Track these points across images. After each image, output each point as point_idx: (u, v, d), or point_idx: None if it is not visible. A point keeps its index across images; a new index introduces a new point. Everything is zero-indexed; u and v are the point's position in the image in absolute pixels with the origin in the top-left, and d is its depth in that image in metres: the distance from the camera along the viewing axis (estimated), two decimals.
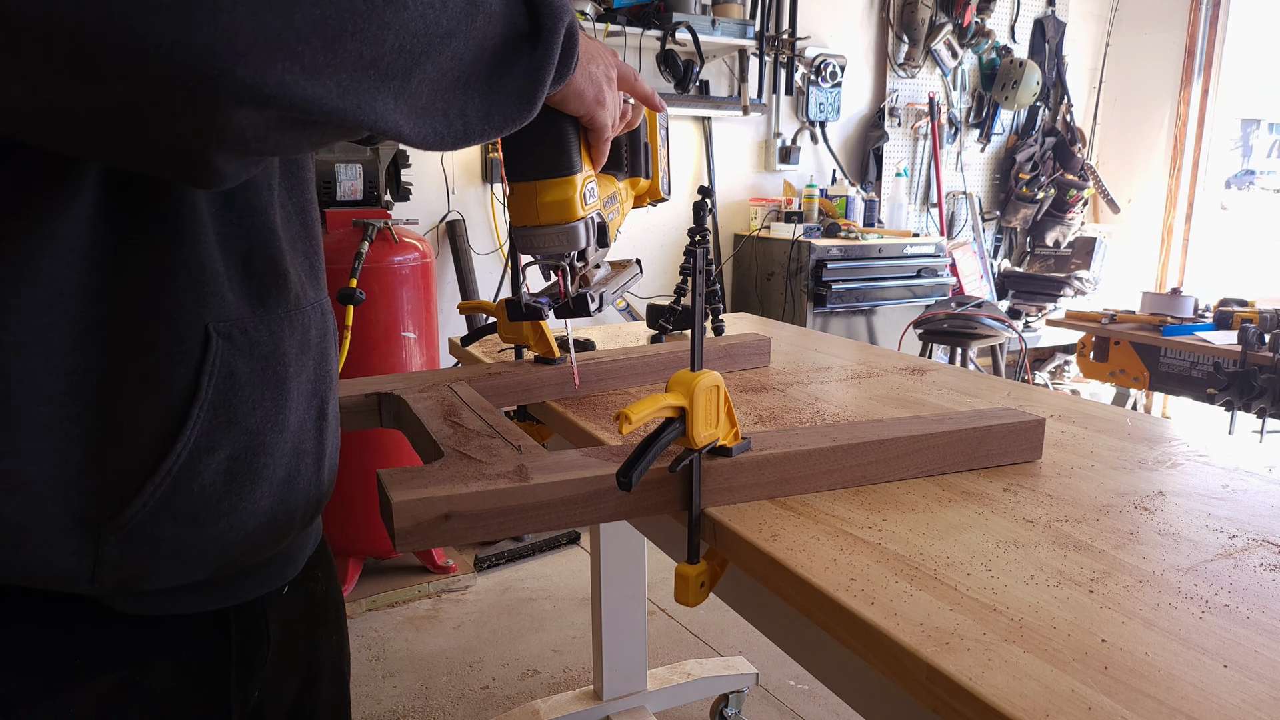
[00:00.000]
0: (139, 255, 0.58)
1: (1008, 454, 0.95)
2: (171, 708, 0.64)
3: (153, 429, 0.59)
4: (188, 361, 0.60)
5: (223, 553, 0.63)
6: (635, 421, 0.68)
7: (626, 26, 3.30)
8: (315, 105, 0.49)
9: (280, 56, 0.47)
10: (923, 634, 0.59)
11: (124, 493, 0.58)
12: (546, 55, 0.63)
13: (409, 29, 0.53)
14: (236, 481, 0.63)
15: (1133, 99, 5.18)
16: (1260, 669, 0.56)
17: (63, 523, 0.56)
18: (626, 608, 2.01)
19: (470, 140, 0.62)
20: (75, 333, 0.56)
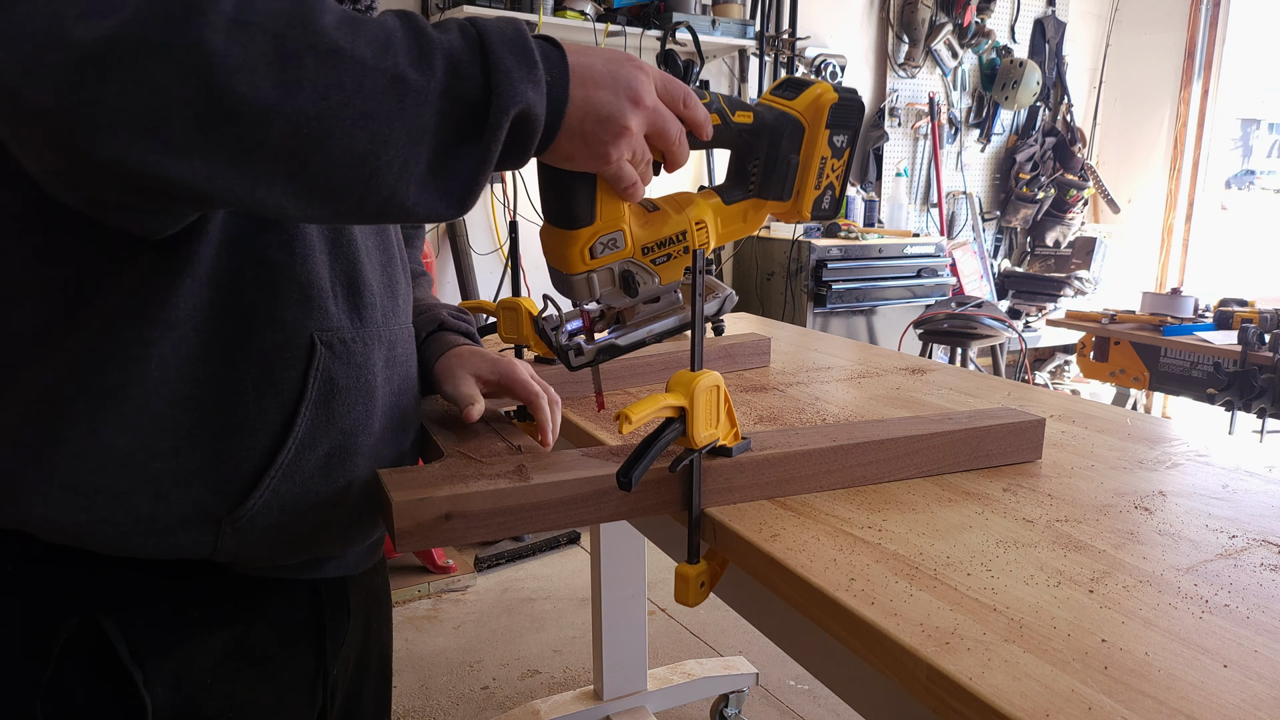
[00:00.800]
0: (257, 273, 0.64)
1: (1008, 454, 0.95)
2: (275, 668, 0.73)
3: (267, 427, 0.66)
4: (296, 365, 0.67)
5: (316, 541, 0.71)
6: (635, 421, 0.68)
7: (626, 26, 3.30)
8: (183, 186, 0.49)
9: (143, 136, 0.46)
10: (923, 634, 0.59)
11: (243, 487, 0.65)
12: (486, 152, 0.56)
13: (304, 113, 0.48)
14: (331, 478, 0.70)
15: (1133, 99, 5.18)
16: (1260, 669, 0.56)
17: (186, 515, 0.64)
18: (626, 608, 2.01)
19: (381, 223, 0.62)
20: (201, 344, 0.63)
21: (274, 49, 0.47)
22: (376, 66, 0.50)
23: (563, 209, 0.69)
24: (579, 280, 0.72)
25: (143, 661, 0.65)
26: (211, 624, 0.68)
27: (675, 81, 0.67)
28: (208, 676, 0.68)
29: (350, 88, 0.49)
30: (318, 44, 0.48)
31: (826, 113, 0.79)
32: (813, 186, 0.81)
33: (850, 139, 0.81)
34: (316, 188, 0.51)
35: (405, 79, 0.51)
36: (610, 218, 0.71)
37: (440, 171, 0.55)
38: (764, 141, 0.78)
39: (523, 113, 0.56)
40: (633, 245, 0.73)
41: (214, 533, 0.65)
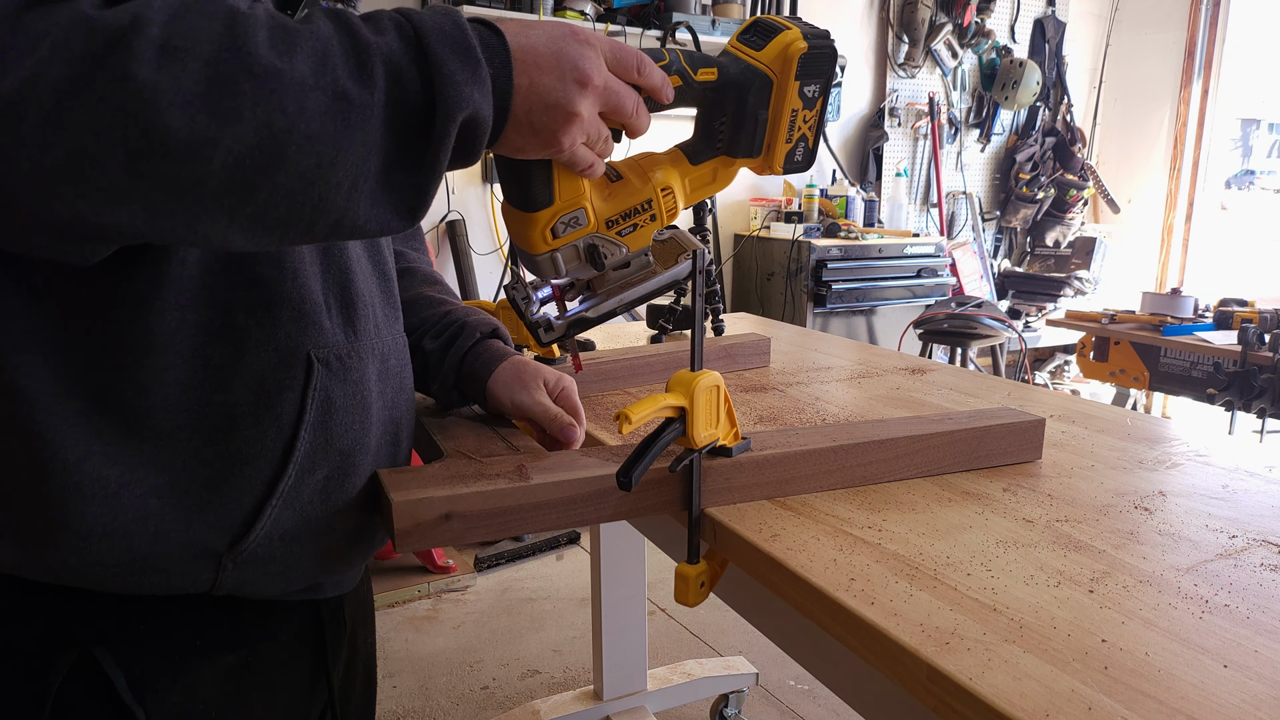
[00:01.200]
0: (248, 292, 0.61)
1: (1008, 454, 0.95)
2: (278, 688, 0.71)
3: (266, 454, 0.62)
4: (294, 387, 0.63)
5: (318, 568, 0.69)
6: (635, 421, 0.68)
7: (626, 26, 3.30)
8: (116, 230, 0.46)
9: (69, 184, 0.43)
10: (923, 634, 0.59)
11: (244, 520, 0.62)
12: (435, 161, 0.53)
13: (245, 144, 0.45)
14: (330, 501, 0.68)
15: (1133, 99, 5.18)
16: (1260, 669, 0.56)
17: (186, 552, 0.61)
18: (626, 608, 2.01)
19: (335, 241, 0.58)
20: (190, 370, 0.59)
21: (207, 76, 0.44)
22: (317, 85, 0.47)
23: (520, 193, 0.68)
24: (544, 260, 0.71)
25: (143, 695, 0.62)
26: (215, 649, 0.66)
27: (625, 49, 0.64)
28: (212, 707, 0.66)
29: (293, 111, 0.46)
30: (254, 67, 0.45)
31: (796, 64, 0.75)
32: (784, 140, 0.78)
33: (823, 87, 0.77)
34: (263, 217, 0.49)
35: (348, 95, 0.48)
36: (570, 196, 0.69)
37: (390, 184, 0.53)
38: (730, 98, 0.75)
39: (470, 117, 0.54)
40: (596, 221, 0.71)
41: (214, 569, 0.62)
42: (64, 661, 0.60)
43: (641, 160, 0.76)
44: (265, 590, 0.66)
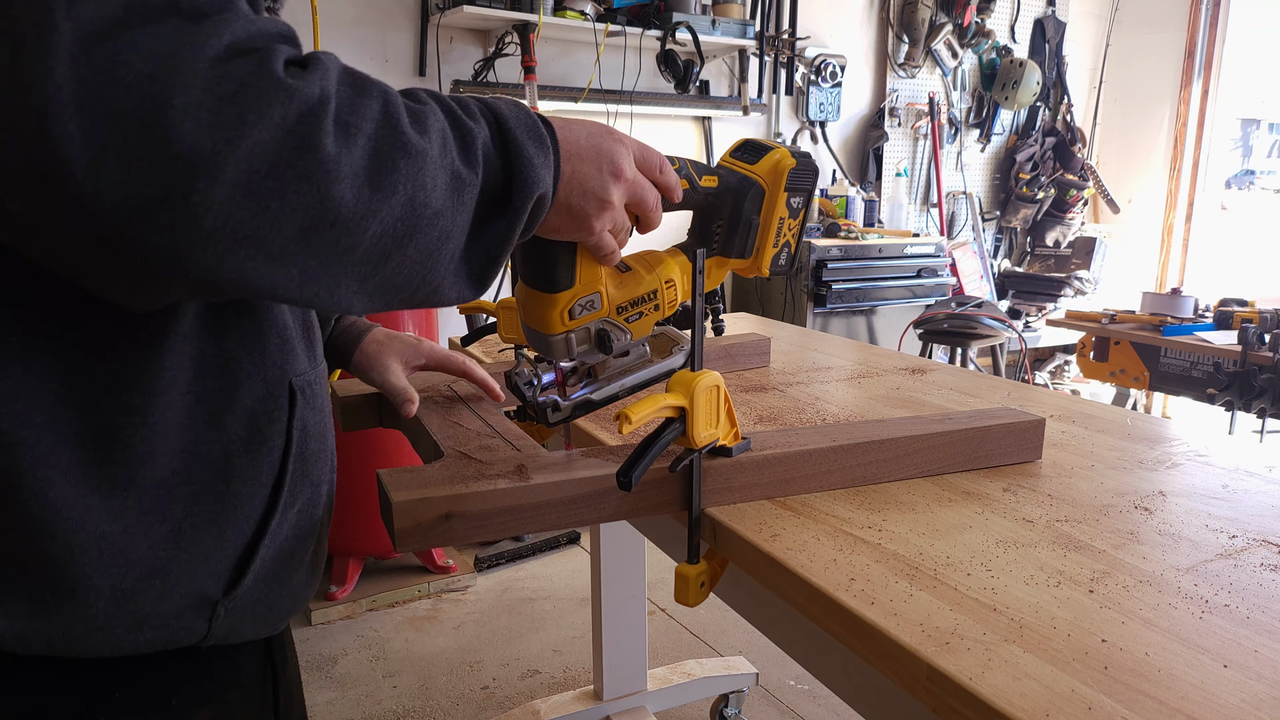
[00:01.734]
0: (239, 320, 0.60)
1: (1008, 454, 0.95)
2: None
3: (260, 490, 0.61)
4: (281, 418, 0.63)
5: (290, 607, 0.68)
6: (635, 421, 0.68)
7: (626, 26, 3.30)
8: (269, 291, 0.47)
9: (246, 246, 0.43)
10: (923, 634, 0.59)
11: (239, 563, 0.61)
12: (509, 234, 0.56)
13: (395, 216, 0.48)
14: (301, 535, 0.67)
15: (1133, 99, 5.18)
16: (1260, 669, 0.56)
17: (185, 604, 0.58)
18: (626, 608, 2.01)
19: (416, 308, 0.59)
20: (186, 406, 0.57)
21: (372, 151, 0.47)
22: (442, 164, 0.51)
23: (544, 274, 0.72)
24: (558, 340, 0.75)
25: None
26: (192, 706, 0.64)
27: (651, 150, 0.70)
28: None
29: (429, 188, 0.50)
30: (406, 145, 0.48)
31: (785, 176, 0.83)
32: (771, 245, 0.86)
33: (805, 200, 0.86)
34: (387, 285, 0.51)
35: (460, 175, 0.52)
36: (588, 280, 0.74)
37: (468, 257, 0.56)
38: (727, 204, 0.83)
39: (541, 196, 0.58)
40: (608, 305, 0.76)
41: (209, 619, 0.60)
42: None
43: (647, 255, 0.81)
44: (245, 635, 0.64)
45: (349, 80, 0.48)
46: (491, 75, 3.27)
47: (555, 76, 3.49)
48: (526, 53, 3.09)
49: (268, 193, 0.43)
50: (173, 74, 0.40)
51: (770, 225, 0.85)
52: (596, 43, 3.39)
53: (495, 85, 3.26)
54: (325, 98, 0.45)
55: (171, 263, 0.43)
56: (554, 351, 0.76)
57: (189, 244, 0.42)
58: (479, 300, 1.68)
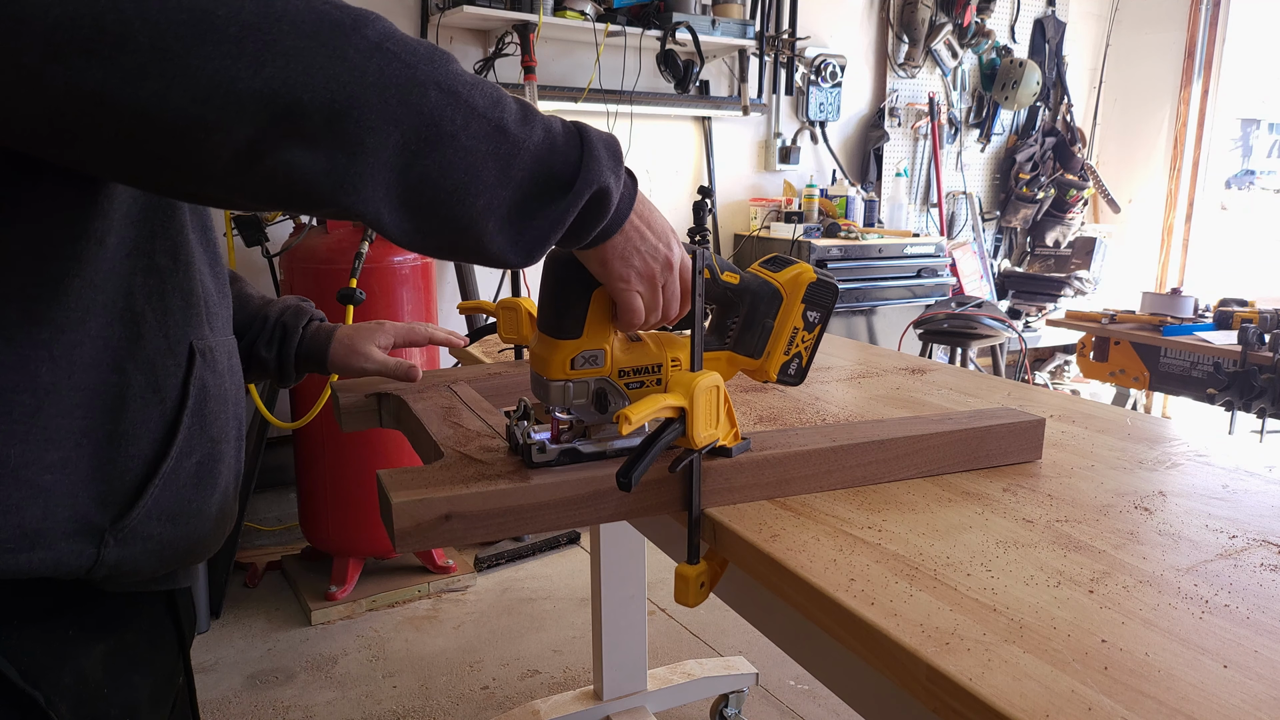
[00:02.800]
0: (146, 279, 0.66)
1: (1008, 454, 0.95)
2: (150, 670, 0.74)
3: (151, 436, 0.66)
4: (178, 374, 0.69)
5: (188, 550, 0.72)
6: (635, 421, 0.68)
7: (626, 26, 3.30)
8: (300, 173, 0.52)
9: (280, 124, 0.49)
10: (923, 634, 0.59)
11: (127, 498, 0.65)
12: (562, 214, 0.62)
13: (417, 131, 0.54)
14: (202, 485, 0.71)
15: (1133, 99, 5.18)
16: (1260, 669, 0.56)
17: (71, 527, 0.62)
18: (626, 608, 2.01)
19: (454, 258, 0.63)
20: (94, 349, 0.62)
21: (407, 78, 0.54)
22: (484, 115, 0.57)
23: (554, 320, 0.77)
24: (555, 386, 0.77)
25: (37, 682, 0.63)
26: (89, 637, 0.68)
27: (689, 262, 0.77)
28: (101, 685, 0.68)
29: (459, 123, 0.56)
30: (442, 82, 0.55)
31: (804, 289, 0.88)
32: (781, 351, 0.89)
33: (822, 317, 0.90)
34: (412, 200, 0.57)
35: (506, 130, 0.58)
36: (595, 336, 0.77)
37: (518, 221, 0.61)
38: (745, 302, 0.87)
39: (601, 190, 0.63)
40: (611, 366, 0.79)
41: (97, 544, 0.64)
42: None
43: (660, 335, 0.85)
44: (141, 568, 0.68)
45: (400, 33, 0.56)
46: (491, 75, 3.27)
47: (555, 76, 3.49)
48: (526, 53, 3.09)
49: (300, 85, 0.50)
50: None
51: (783, 332, 0.88)
52: (596, 43, 3.39)
53: None
54: (361, 22, 0.52)
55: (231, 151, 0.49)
56: (550, 397, 0.78)
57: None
58: (479, 300, 1.70)
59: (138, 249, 0.65)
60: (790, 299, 0.88)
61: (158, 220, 0.66)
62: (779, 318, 0.88)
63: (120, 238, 0.63)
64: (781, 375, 0.90)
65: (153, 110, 0.47)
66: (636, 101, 3.56)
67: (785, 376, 0.90)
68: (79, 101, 0.46)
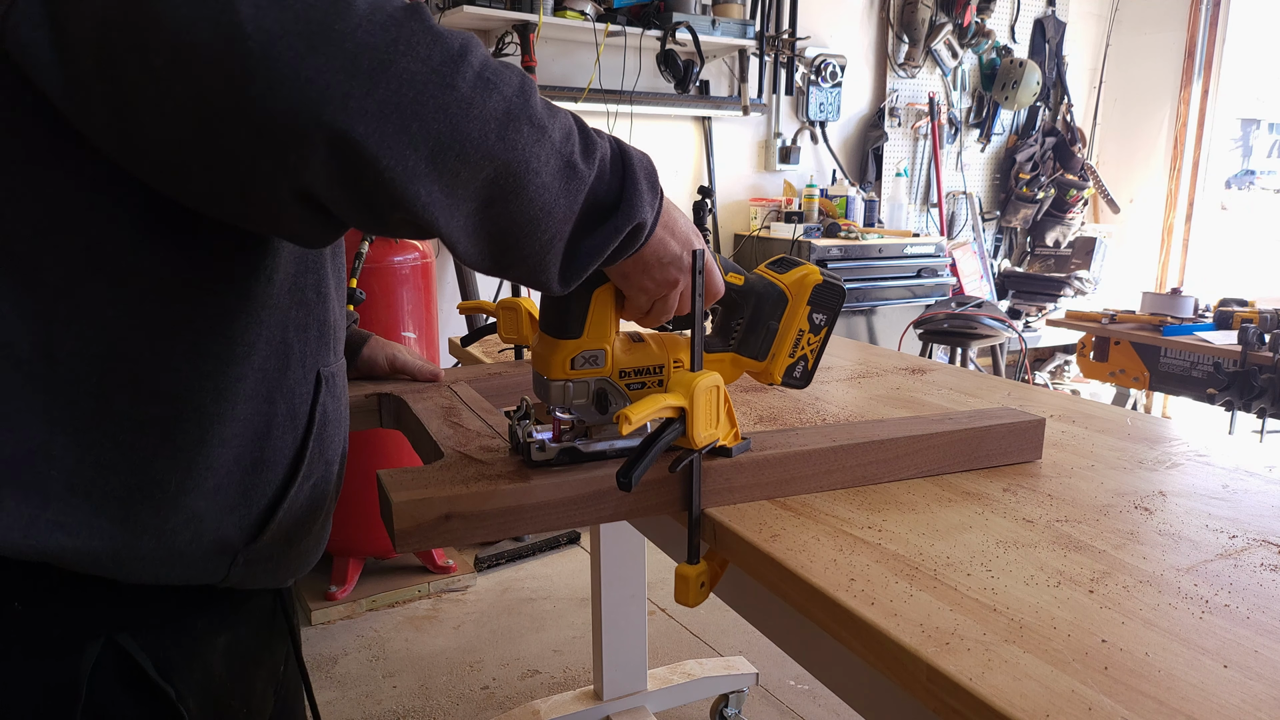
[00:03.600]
0: (297, 313, 0.69)
1: (1008, 454, 0.95)
2: (261, 662, 0.78)
3: (284, 460, 0.69)
4: (308, 401, 0.71)
5: (297, 567, 0.76)
6: (635, 421, 0.68)
7: (626, 26, 3.30)
8: (409, 207, 0.53)
9: (392, 147, 0.50)
10: (923, 634, 0.59)
11: (261, 521, 0.69)
12: (604, 246, 0.63)
13: (509, 167, 0.55)
14: (314, 507, 0.74)
15: (1133, 99, 5.18)
16: (1260, 669, 0.56)
17: (212, 549, 0.66)
18: (626, 608, 2.01)
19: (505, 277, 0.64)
20: (254, 382, 0.66)
21: (504, 110, 0.55)
22: (560, 150, 0.59)
23: (555, 320, 0.76)
24: (555, 386, 0.77)
25: (169, 676, 0.67)
26: (212, 631, 0.71)
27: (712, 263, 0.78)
28: (224, 677, 0.72)
29: (543, 159, 0.57)
30: (533, 118, 0.57)
31: (810, 291, 0.87)
32: (786, 354, 0.88)
33: (829, 320, 0.89)
34: (493, 232, 0.58)
35: (575, 166, 0.60)
36: (596, 336, 0.77)
37: (569, 257, 0.63)
38: (749, 304, 0.86)
39: (637, 226, 0.65)
40: (612, 366, 0.79)
41: (229, 565, 0.67)
42: (92, 650, 0.63)
43: (663, 335, 0.84)
44: (258, 584, 0.72)
45: (491, 56, 0.56)
46: None
47: (555, 76, 3.49)
48: (526, 53, 3.09)
49: (410, 114, 0.50)
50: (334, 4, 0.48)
51: (788, 334, 0.87)
52: (596, 43, 3.39)
53: None
54: (466, 49, 0.53)
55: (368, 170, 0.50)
56: (550, 396, 0.78)
57: (377, 167, 0.50)
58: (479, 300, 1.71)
59: (295, 284, 0.68)
60: (795, 301, 0.87)
61: (310, 255, 0.70)
62: (784, 320, 0.87)
63: (285, 274, 0.67)
64: (786, 378, 0.89)
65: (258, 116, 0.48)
66: (636, 101, 3.56)
67: (790, 379, 0.90)
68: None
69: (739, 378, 0.90)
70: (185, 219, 0.59)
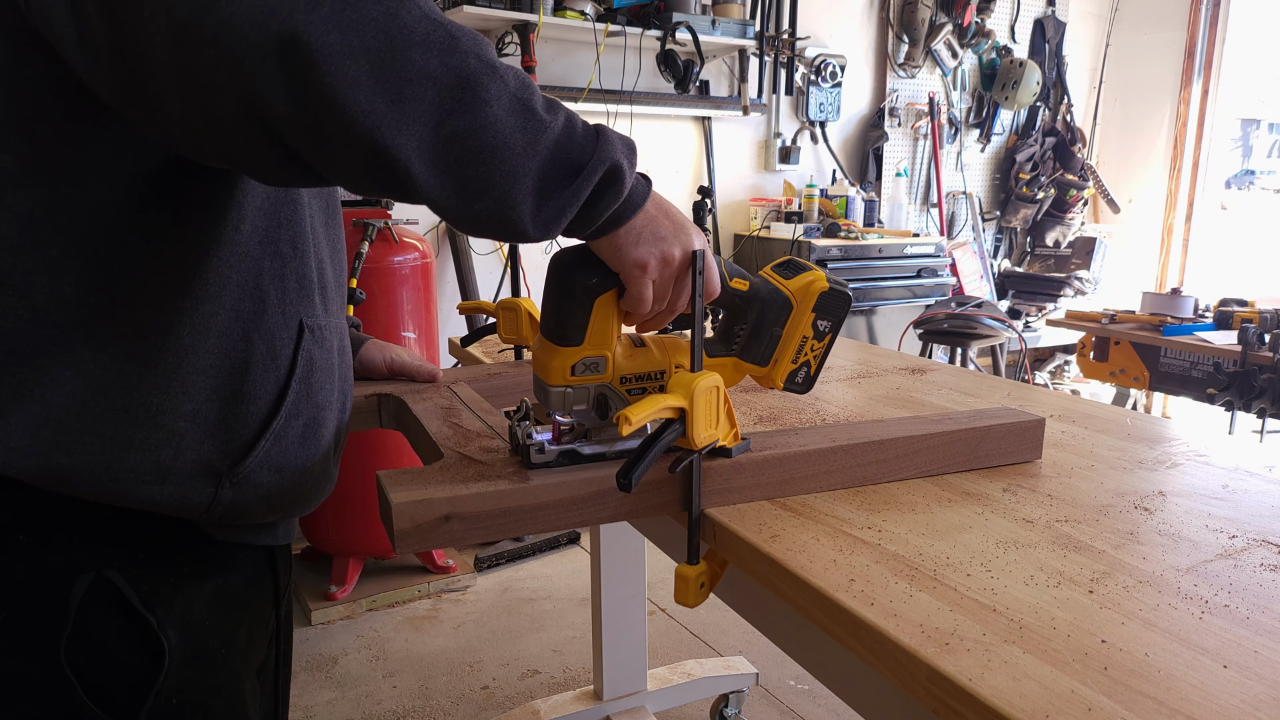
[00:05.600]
0: (271, 263, 0.76)
1: (1008, 454, 0.95)
2: (249, 611, 0.83)
3: (266, 396, 0.76)
4: (290, 345, 0.78)
5: (293, 499, 0.81)
6: (635, 422, 0.68)
7: (626, 26, 3.30)
8: (351, 117, 0.55)
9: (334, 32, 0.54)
10: (922, 635, 0.59)
11: (243, 448, 0.75)
12: (578, 190, 0.64)
13: (454, 89, 0.58)
14: (306, 444, 0.81)
15: (1133, 99, 5.18)
16: (1260, 669, 0.56)
17: (196, 469, 0.73)
18: (626, 608, 2.01)
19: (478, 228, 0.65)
20: (227, 320, 0.73)
21: (449, 42, 0.58)
22: (515, 94, 0.61)
23: (557, 327, 0.77)
24: (556, 392, 0.77)
25: (153, 608, 0.72)
26: (199, 574, 0.77)
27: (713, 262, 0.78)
28: (205, 618, 0.77)
29: (493, 93, 0.60)
30: (482, 55, 0.60)
31: (815, 297, 0.86)
32: (789, 360, 0.87)
33: (833, 326, 0.88)
34: (443, 155, 0.60)
35: (533, 109, 0.62)
36: (597, 343, 0.77)
37: (538, 195, 0.64)
38: (754, 309, 0.86)
39: (614, 167, 0.66)
40: (613, 373, 0.79)
41: (215, 485, 0.74)
42: (83, 581, 0.69)
43: (665, 339, 0.84)
44: (251, 511, 0.77)
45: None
46: None
47: (555, 76, 3.49)
48: (526, 53, 3.09)
49: (352, 28, 0.54)
50: None
51: (792, 340, 0.86)
52: (596, 43, 3.39)
53: None
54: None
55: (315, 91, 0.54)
56: (550, 402, 0.78)
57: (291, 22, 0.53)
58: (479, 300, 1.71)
59: (267, 237, 0.75)
60: (800, 308, 0.86)
61: (283, 213, 0.76)
62: (788, 326, 0.86)
63: (253, 225, 0.73)
64: (788, 384, 0.88)
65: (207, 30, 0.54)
66: (636, 101, 3.56)
67: (792, 385, 0.88)
68: None
69: (740, 381, 0.90)
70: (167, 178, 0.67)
